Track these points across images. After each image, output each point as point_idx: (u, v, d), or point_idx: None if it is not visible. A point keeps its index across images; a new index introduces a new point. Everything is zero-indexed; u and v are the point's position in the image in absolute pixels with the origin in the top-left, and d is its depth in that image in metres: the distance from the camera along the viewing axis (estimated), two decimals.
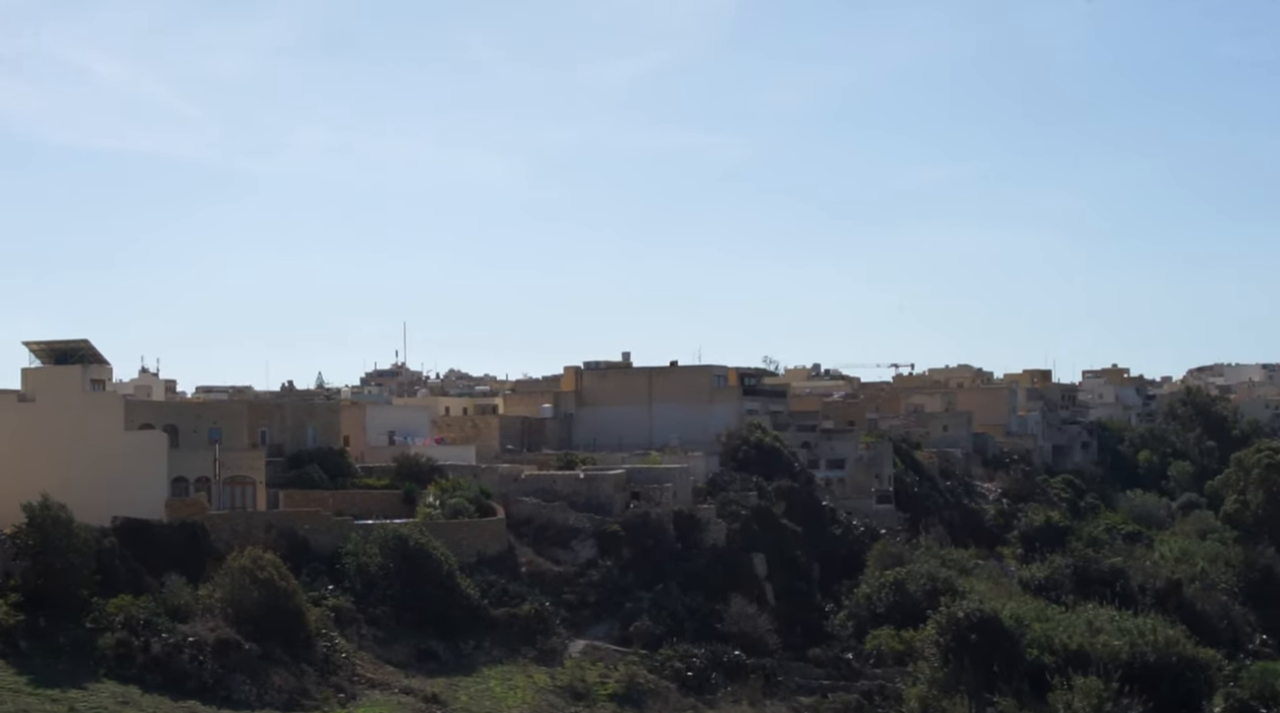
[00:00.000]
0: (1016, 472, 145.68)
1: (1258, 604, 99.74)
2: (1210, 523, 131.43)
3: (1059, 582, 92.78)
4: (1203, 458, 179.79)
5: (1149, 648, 66.21)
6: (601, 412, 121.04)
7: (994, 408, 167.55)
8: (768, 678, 71.09)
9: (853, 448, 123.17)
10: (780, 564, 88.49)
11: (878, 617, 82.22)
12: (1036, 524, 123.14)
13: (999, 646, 66.79)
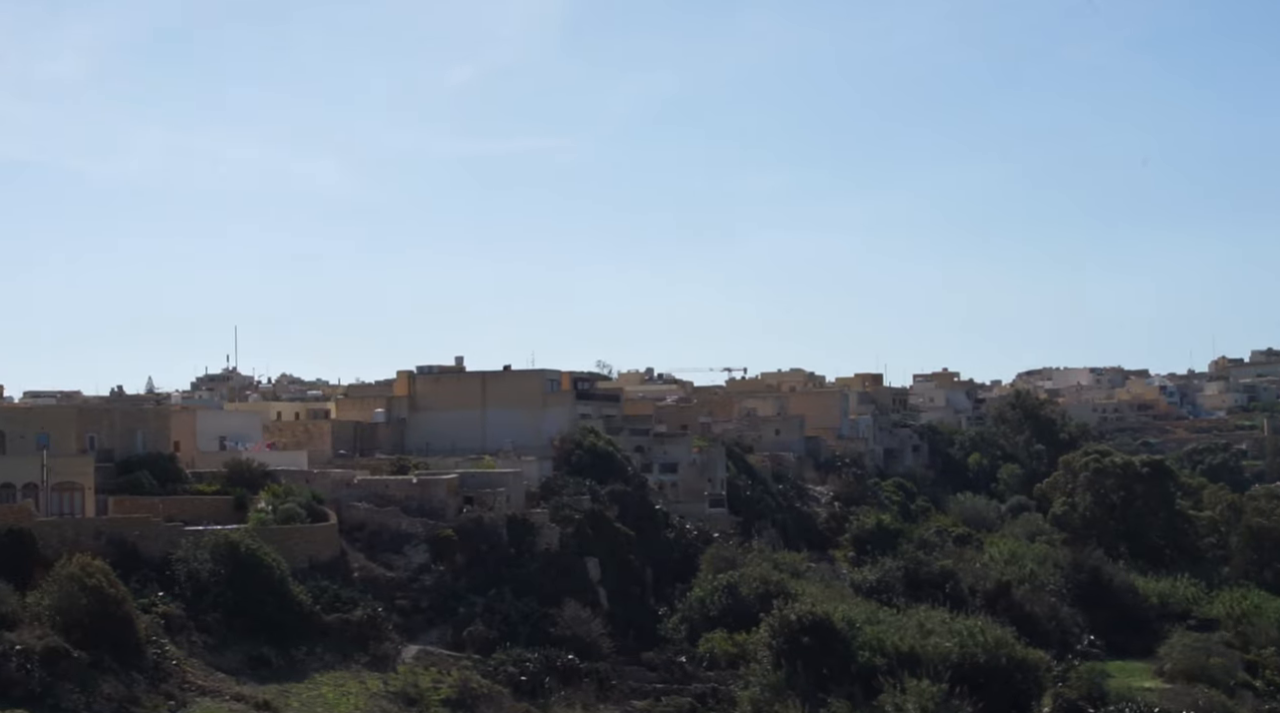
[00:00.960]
0: (848, 475, 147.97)
1: (1085, 605, 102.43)
2: (1039, 525, 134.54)
3: (890, 584, 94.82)
4: (1032, 461, 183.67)
5: (979, 649, 67.98)
6: (435, 416, 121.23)
7: (826, 412, 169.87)
8: (601, 682, 71.92)
9: (686, 452, 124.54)
10: (613, 568, 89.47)
11: (710, 620, 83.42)
12: (868, 527, 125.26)
13: (831, 648, 68.25)
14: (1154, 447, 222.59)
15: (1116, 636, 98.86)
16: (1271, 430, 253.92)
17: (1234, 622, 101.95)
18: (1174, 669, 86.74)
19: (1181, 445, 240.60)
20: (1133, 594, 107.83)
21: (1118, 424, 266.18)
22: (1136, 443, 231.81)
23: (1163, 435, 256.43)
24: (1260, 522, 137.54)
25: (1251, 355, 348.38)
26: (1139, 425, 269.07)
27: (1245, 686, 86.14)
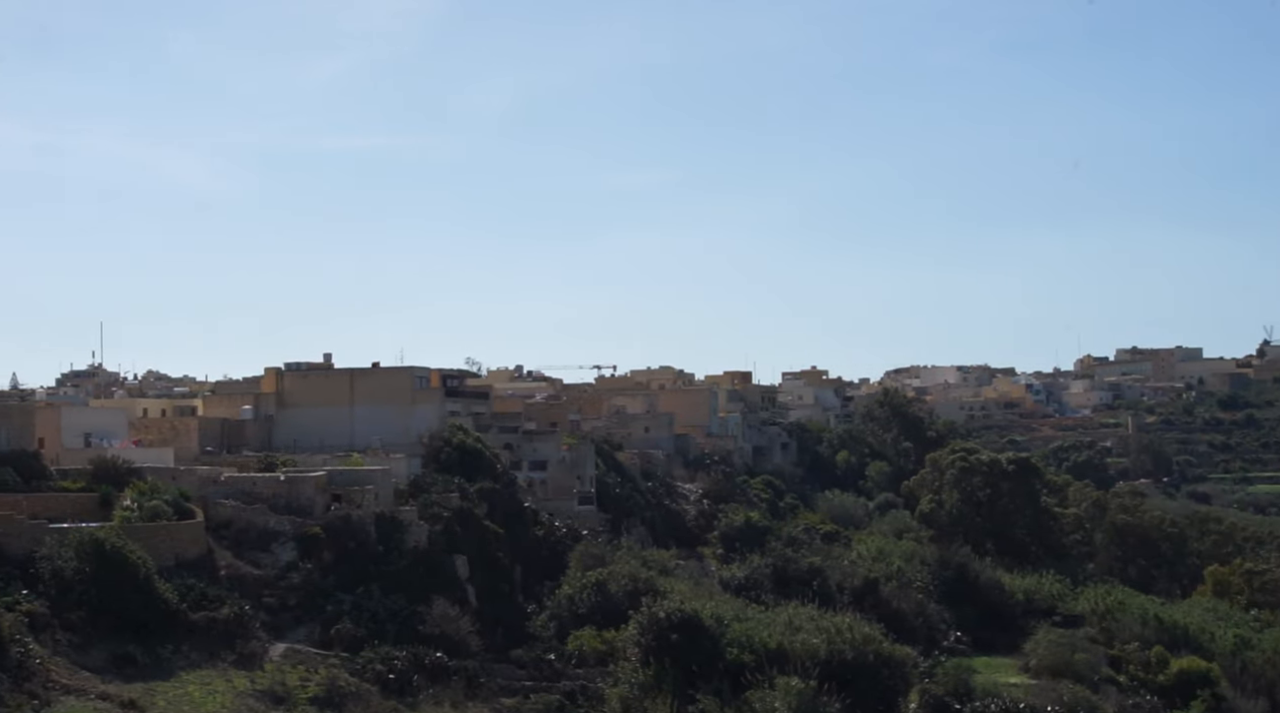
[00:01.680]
0: (717, 473, 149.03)
1: (952, 602, 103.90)
2: (906, 522, 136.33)
3: (759, 581, 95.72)
4: (899, 458, 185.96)
5: (846, 646, 68.77)
6: (303, 413, 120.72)
7: (695, 409, 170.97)
8: (470, 680, 72.11)
9: (555, 449, 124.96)
10: (482, 566, 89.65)
11: (580, 617, 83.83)
12: (736, 525, 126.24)
13: (699, 645, 68.82)
14: (1020, 444, 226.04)
15: (983, 632, 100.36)
16: (1136, 428, 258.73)
17: (1098, 618, 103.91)
18: (1039, 665, 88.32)
19: (1047, 443, 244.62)
20: (999, 591, 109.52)
21: (985, 422, 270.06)
22: (1003, 441, 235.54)
23: (1029, 433, 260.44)
24: (1124, 519, 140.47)
25: (1116, 354, 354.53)
26: (1005, 423, 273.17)
27: (1109, 681, 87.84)
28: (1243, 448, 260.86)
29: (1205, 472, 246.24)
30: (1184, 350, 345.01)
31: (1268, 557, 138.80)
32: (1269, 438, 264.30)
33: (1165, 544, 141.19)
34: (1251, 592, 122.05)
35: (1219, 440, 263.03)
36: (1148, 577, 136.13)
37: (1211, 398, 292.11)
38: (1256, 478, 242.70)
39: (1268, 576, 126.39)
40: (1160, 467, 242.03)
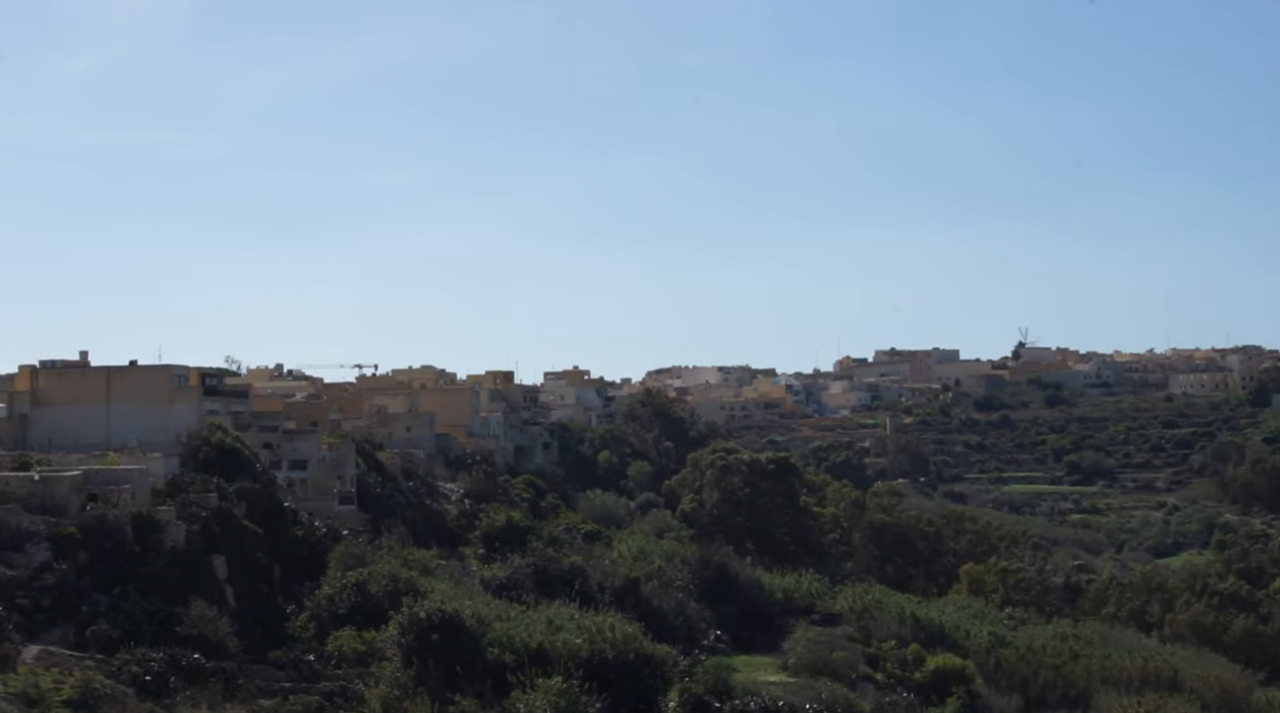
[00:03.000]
0: (479, 472, 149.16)
1: (712, 601, 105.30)
2: (668, 522, 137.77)
3: (520, 581, 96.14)
4: (661, 458, 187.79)
5: (607, 645, 69.48)
6: (58, 412, 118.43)
7: (456, 409, 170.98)
8: (228, 681, 71.49)
9: (315, 449, 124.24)
10: (241, 566, 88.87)
11: (339, 618, 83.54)
12: (498, 524, 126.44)
13: (461, 645, 69.11)
14: (780, 444, 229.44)
15: (742, 630, 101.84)
16: (893, 429, 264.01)
17: (856, 616, 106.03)
18: (798, 663, 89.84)
19: (807, 443, 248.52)
20: (758, 590, 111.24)
21: (745, 422, 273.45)
22: (763, 441, 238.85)
23: (789, 433, 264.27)
24: (882, 518, 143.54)
25: (875, 355, 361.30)
26: (766, 423, 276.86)
27: (867, 679, 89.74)
28: (998, 448, 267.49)
29: (961, 472, 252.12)
30: (941, 352, 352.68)
31: (1021, 555, 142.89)
32: (1023, 439, 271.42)
33: (922, 543, 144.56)
34: (1006, 590, 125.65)
35: (975, 441, 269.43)
36: (905, 575, 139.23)
37: (968, 399, 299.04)
38: (1011, 478, 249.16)
39: (1021, 574, 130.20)
40: (917, 467, 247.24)
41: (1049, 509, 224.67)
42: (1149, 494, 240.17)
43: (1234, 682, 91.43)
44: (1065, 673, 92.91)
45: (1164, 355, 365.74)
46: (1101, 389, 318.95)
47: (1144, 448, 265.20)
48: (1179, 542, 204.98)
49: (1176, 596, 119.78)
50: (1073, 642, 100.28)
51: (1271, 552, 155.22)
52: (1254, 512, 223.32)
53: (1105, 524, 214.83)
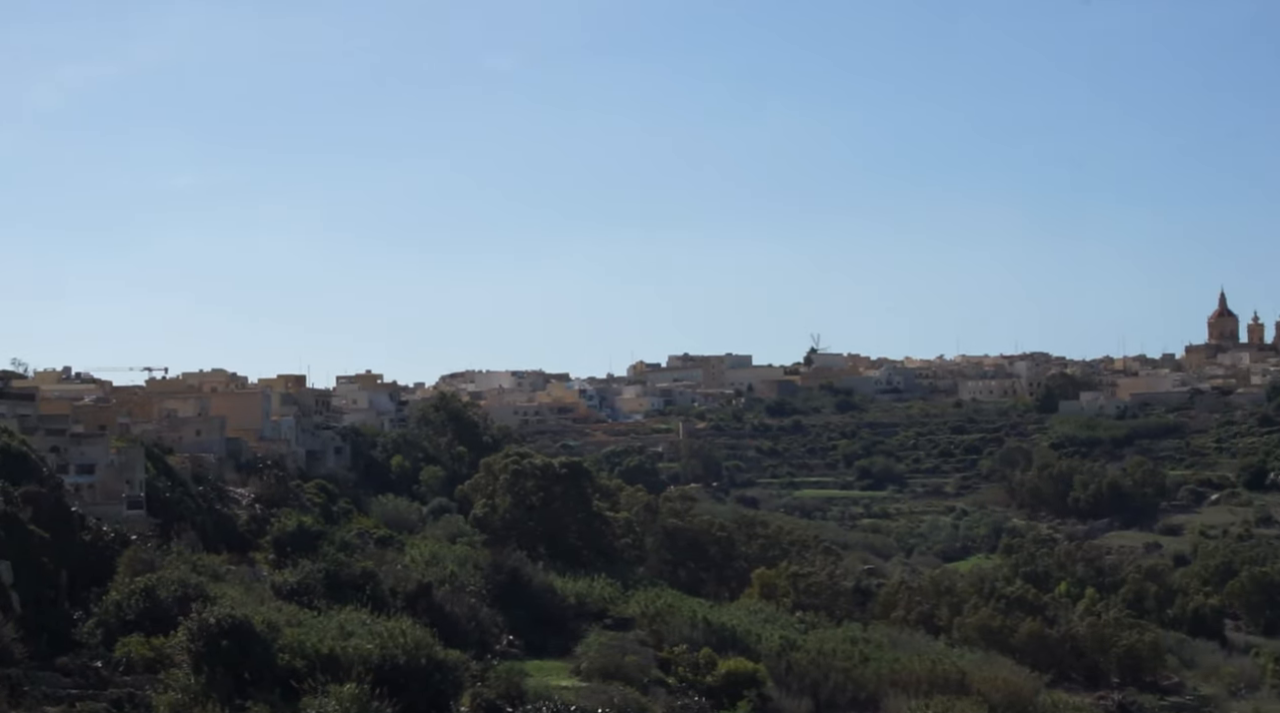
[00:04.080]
0: (270, 477, 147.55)
1: (505, 606, 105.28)
2: (460, 527, 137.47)
3: (311, 587, 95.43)
4: (454, 463, 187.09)
5: (399, 650, 69.25)
6: None
7: (248, 413, 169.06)
8: (13, 688, 70.12)
9: (103, 453, 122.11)
10: (26, 572, 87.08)
11: (128, 624, 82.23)
12: (289, 529, 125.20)
13: (251, 651, 68.45)
14: (574, 449, 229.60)
15: (535, 635, 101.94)
16: (686, 434, 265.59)
17: (648, 620, 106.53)
18: (590, 668, 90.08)
19: (600, 448, 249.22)
20: (551, 594, 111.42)
21: (539, 427, 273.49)
22: (557, 445, 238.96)
23: (582, 438, 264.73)
24: (674, 522, 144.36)
25: (668, 360, 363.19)
26: (559, 428, 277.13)
27: (659, 682, 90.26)
28: (790, 453, 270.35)
29: (754, 477, 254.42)
30: (734, 358, 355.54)
31: (812, 560, 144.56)
32: (815, 444, 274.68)
33: (714, 548, 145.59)
34: (797, 594, 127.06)
35: (767, 446, 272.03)
36: (697, 580, 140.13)
37: (760, 405, 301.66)
38: (803, 483, 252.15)
39: (812, 578, 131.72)
40: (710, 471, 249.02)
41: (840, 514, 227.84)
42: (938, 499, 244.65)
43: (1021, 684, 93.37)
44: (855, 676, 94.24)
45: (954, 362, 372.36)
46: (892, 395, 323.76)
47: (933, 453, 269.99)
48: (967, 546, 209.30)
49: (965, 599, 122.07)
50: (863, 645, 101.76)
51: (1057, 556, 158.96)
52: (1041, 516, 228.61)
53: (895, 529, 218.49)
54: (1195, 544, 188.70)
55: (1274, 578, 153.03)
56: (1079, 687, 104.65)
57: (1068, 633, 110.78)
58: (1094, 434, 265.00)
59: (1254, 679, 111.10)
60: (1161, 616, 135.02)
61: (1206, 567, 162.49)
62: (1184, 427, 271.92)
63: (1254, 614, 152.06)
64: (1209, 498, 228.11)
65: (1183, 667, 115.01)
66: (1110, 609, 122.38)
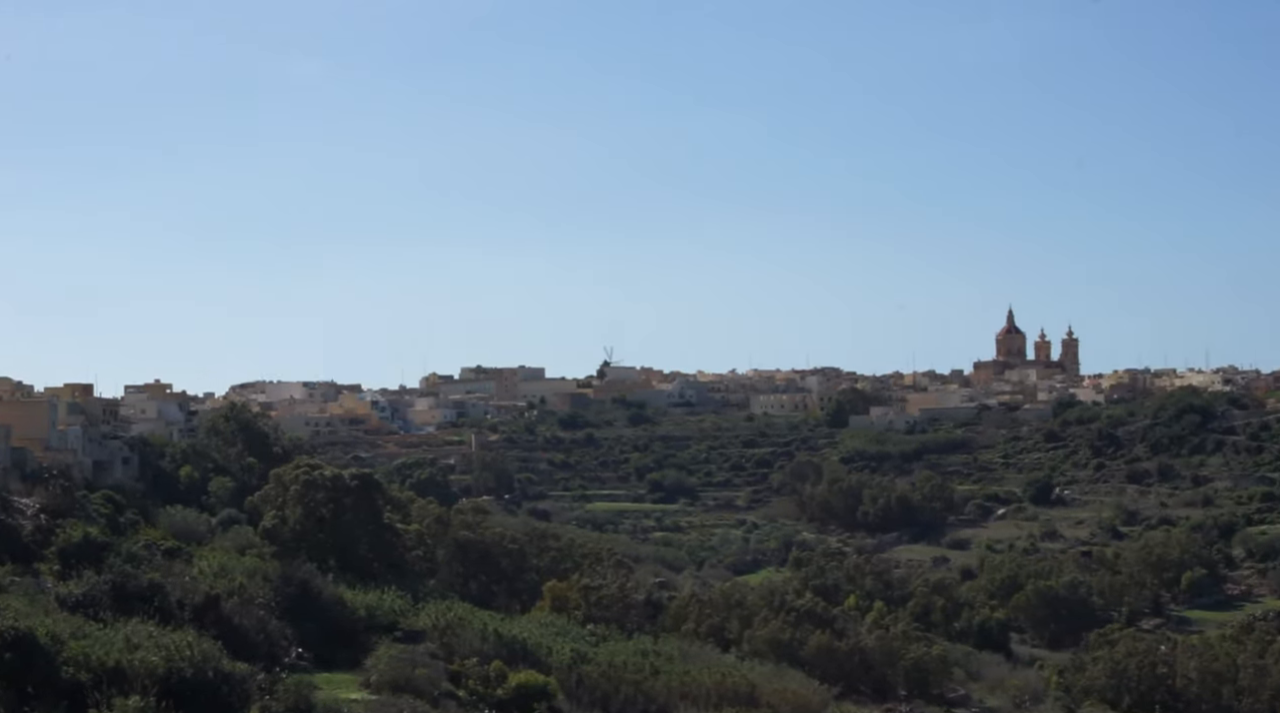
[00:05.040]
0: (56, 487, 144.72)
1: (294, 618, 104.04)
2: (250, 538, 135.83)
3: (97, 598, 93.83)
4: (244, 474, 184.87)
5: (186, 663, 68.43)
6: None
7: (33, 422, 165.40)
8: None
9: None
10: None
11: None
12: (75, 541, 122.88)
13: (34, 664, 67.19)
14: (365, 461, 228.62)
15: (325, 648, 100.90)
16: (479, 446, 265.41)
17: (439, 633, 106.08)
18: (380, 680, 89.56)
19: (392, 460, 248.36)
20: (341, 607, 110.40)
21: (330, 438, 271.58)
22: (348, 457, 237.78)
23: (374, 450, 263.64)
24: (466, 535, 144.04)
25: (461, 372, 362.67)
26: (351, 440, 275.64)
27: (449, 695, 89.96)
28: (582, 466, 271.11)
29: (546, 489, 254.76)
30: (527, 370, 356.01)
31: (604, 573, 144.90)
32: (607, 457, 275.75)
33: (506, 560, 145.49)
34: (588, 607, 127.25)
35: (559, 459, 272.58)
36: (488, 592, 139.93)
37: (553, 417, 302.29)
38: (594, 495, 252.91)
39: (604, 591, 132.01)
40: (502, 484, 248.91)
41: (632, 527, 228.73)
42: (729, 512, 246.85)
43: (809, 696, 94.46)
44: (646, 689, 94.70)
45: (746, 376, 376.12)
46: (684, 408, 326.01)
47: (725, 467, 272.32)
48: (758, 559, 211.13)
49: (755, 612, 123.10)
50: (654, 658, 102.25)
51: (847, 569, 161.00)
52: (830, 530, 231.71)
53: (687, 542, 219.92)
54: (982, 558, 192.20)
55: (1059, 592, 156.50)
56: (867, 699, 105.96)
57: (856, 646, 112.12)
58: (883, 449, 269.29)
59: (1038, 692, 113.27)
60: (949, 628, 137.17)
61: (993, 580, 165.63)
62: (972, 442, 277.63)
63: (1039, 627, 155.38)
64: (996, 512, 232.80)
65: (969, 679, 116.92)
66: (898, 622, 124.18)
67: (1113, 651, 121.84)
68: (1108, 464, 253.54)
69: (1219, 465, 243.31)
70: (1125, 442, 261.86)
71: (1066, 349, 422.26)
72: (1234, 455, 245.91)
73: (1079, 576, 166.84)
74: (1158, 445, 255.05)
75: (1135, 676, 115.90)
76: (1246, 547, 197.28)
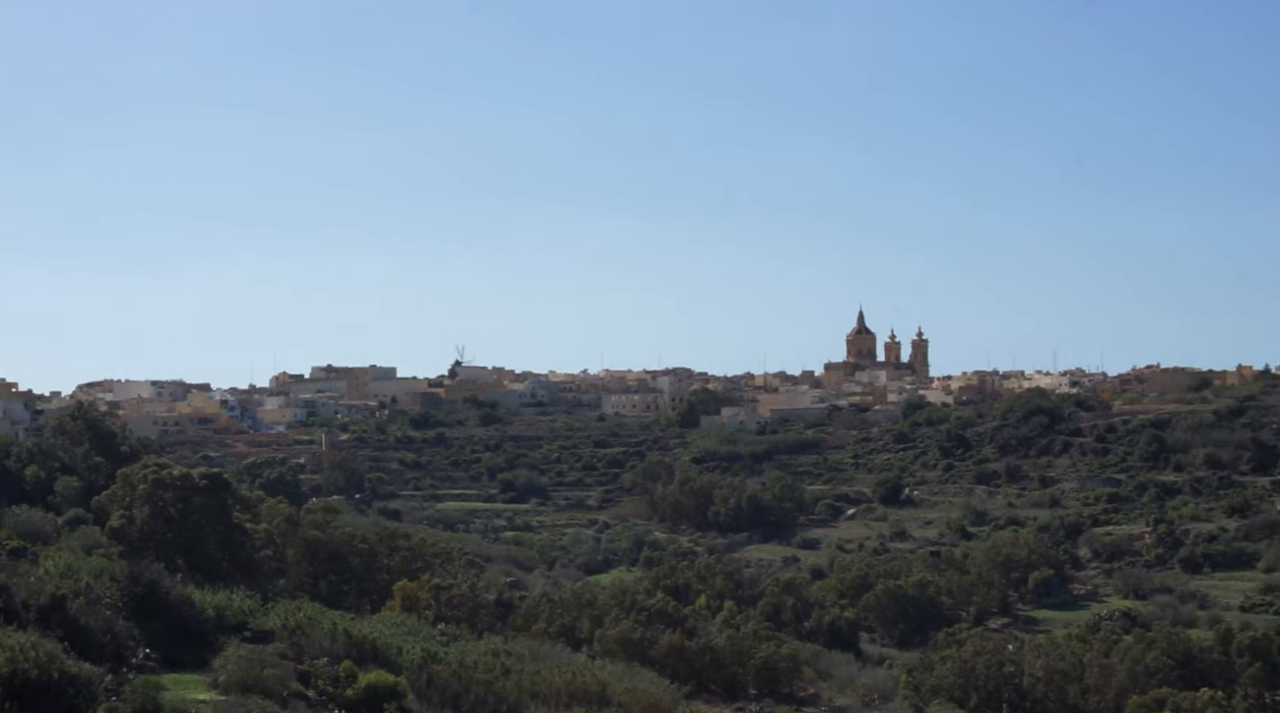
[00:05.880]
0: None
1: (142, 618, 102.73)
2: (97, 538, 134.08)
3: None
4: (90, 473, 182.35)
5: (30, 664, 67.70)
6: None
7: None
8: None
9: None
10: None
11: None
12: None
13: None
14: (215, 460, 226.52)
15: (172, 648, 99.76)
16: (329, 445, 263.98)
17: (288, 633, 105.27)
18: (228, 681, 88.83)
19: (242, 459, 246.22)
20: (189, 607, 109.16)
21: (179, 437, 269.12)
22: (198, 456, 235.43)
23: (223, 449, 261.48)
24: (316, 534, 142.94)
25: (311, 371, 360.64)
26: (200, 439, 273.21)
27: (299, 696, 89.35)
28: (433, 466, 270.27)
29: (397, 489, 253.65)
30: (379, 369, 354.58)
31: (455, 572, 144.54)
32: (459, 456, 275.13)
33: (356, 560, 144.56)
34: (439, 606, 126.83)
35: (410, 458, 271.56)
36: (338, 592, 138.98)
37: (404, 416, 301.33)
38: (445, 495, 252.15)
39: (454, 590, 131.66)
40: (353, 483, 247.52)
41: (483, 526, 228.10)
42: (581, 512, 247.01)
43: (660, 696, 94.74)
44: (496, 689, 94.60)
45: (598, 376, 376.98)
46: (536, 408, 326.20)
47: (576, 466, 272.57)
48: (609, 559, 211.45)
49: (606, 611, 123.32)
50: (504, 657, 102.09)
51: (697, 569, 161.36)
52: (681, 529, 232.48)
53: (538, 541, 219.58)
54: (832, 558, 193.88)
55: (907, 591, 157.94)
56: (718, 698, 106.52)
57: (707, 645, 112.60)
58: (734, 449, 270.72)
59: (888, 690, 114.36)
60: (799, 628, 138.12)
61: (843, 580, 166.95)
62: (822, 442, 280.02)
63: (888, 627, 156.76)
64: (846, 512, 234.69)
65: (819, 678, 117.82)
66: (749, 622, 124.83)
67: (961, 650, 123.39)
68: (956, 465, 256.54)
69: (1066, 466, 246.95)
70: (974, 443, 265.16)
71: (916, 350, 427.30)
72: (1081, 457, 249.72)
73: (928, 575, 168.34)
74: (1006, 446, 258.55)
75: (983, 674, 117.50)
76: (1092, 547, 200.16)
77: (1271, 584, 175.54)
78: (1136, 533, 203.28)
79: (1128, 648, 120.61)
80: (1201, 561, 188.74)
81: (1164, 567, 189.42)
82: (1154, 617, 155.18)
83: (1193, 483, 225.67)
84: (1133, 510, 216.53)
